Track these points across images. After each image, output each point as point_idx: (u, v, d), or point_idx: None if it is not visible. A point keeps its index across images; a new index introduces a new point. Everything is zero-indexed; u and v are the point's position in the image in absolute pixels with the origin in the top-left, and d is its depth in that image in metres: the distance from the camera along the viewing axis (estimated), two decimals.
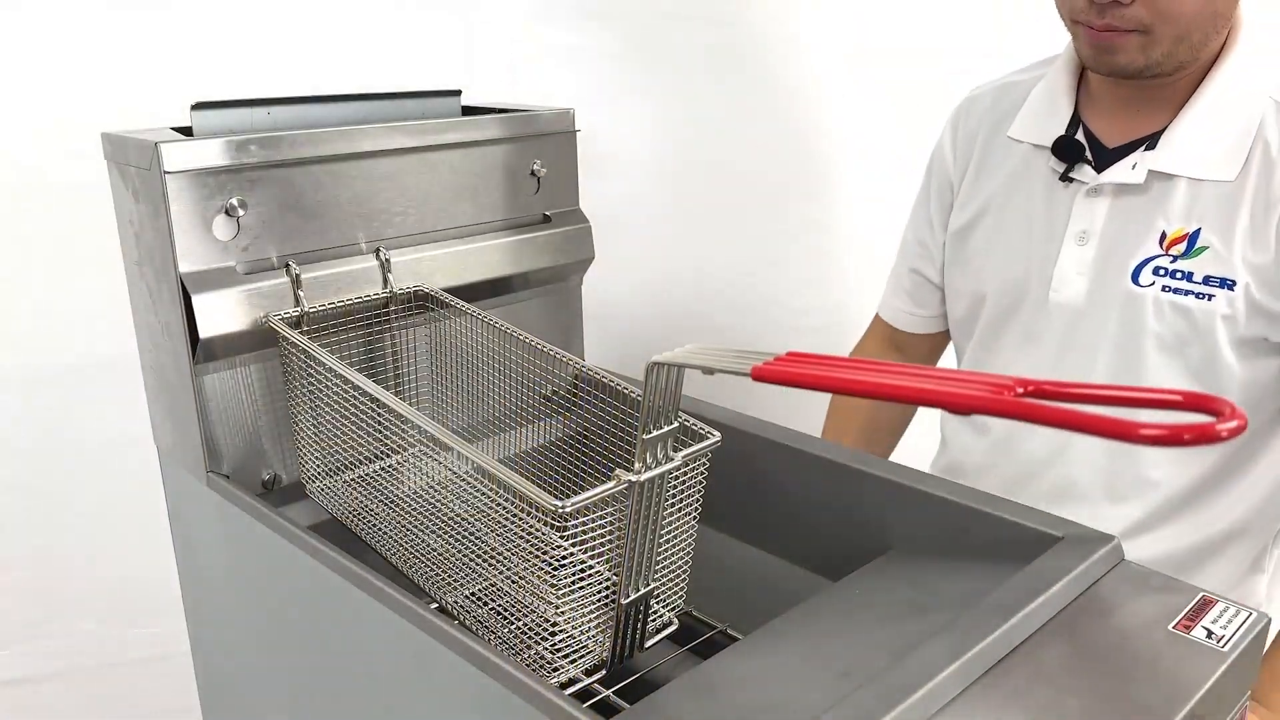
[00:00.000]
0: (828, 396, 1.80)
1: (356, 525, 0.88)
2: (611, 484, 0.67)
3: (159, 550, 1.03)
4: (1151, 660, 0.64)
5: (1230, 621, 0.67)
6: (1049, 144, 1.02)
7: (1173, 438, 0.43)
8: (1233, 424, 0.43)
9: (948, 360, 1.30)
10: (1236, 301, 0.92)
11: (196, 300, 0.81)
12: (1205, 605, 0.69)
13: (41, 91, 1.26)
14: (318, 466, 0.89)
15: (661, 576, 0.76)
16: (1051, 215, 1.02)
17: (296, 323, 0.86)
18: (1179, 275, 0.94)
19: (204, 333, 0.81)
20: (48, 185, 1.27)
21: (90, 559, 1.43)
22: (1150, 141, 0.97)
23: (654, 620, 0.78)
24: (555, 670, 0.74)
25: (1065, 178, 1.01)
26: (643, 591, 0.74)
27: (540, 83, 1.50)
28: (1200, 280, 0.93)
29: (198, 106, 0.84)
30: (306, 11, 1.36)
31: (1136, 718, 0.60)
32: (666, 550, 0.75)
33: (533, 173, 1.01)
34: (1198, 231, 0.94)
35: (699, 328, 1.73)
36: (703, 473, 0.74)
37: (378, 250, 0.92)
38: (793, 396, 1.50)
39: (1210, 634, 0.66)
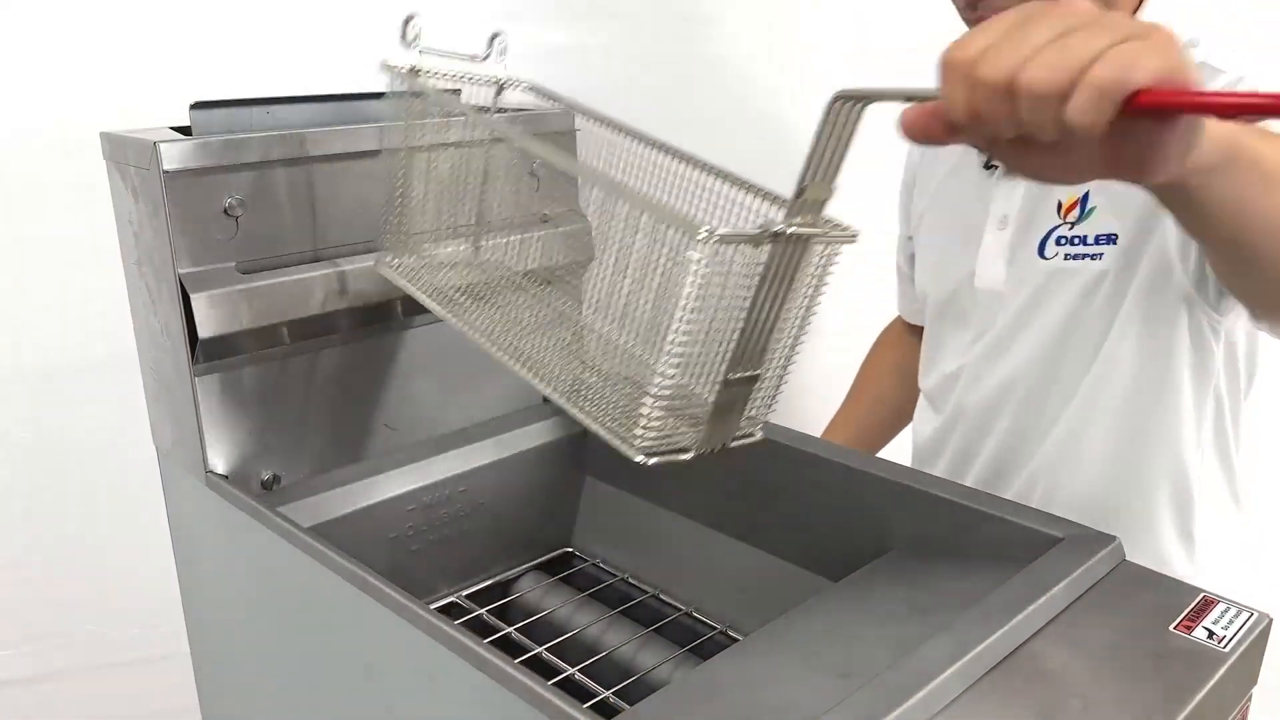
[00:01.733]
0: (825, 397, 1.79)
1: (441, 303, 0.81)
2: (759, 230, 0.59)
3: (159, 550, 1.03)
4: (1152, 661, 0.64)
5: (1231, 622, 0.67)
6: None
7: None
8: None
9: None
10: (1119, 256, 0.94)
11: (196, 300, 0.81)
12: (1206, 606, 0.69)
13: (41, 91, 1.26)
14: (409, 239, 0.83)
15: (765, 371, 0.67)
16: (979, 204, 1.05)
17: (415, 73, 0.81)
18: (1076, 240, 0.97)
19: (203, 333, 0.81)
20: (47, 185, 1.27)
21: (90, 559, 1.43)
22: None
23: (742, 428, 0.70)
24: (643, 447, 0.67)
25: (988, 165, 1.04)
26: (751, 374, 0.66)
27: (540, 83, 1.50)
28: (1092, 240, 0.96)
29: (197, 106, 0.84)
30: (306, 11, 1.36)
31: (1137, 719, 0.59)
32: (777, 344, 0.66)
33: (532, 172, 1.01)
34: (1087, 194, 0.96)
35: None
36: (825, 279, 0.66)
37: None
38: (793, 396, 1.49)
39: (1211, 635, 0.66)
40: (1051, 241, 0.99)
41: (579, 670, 0.89)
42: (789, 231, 0.60)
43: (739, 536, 0.99)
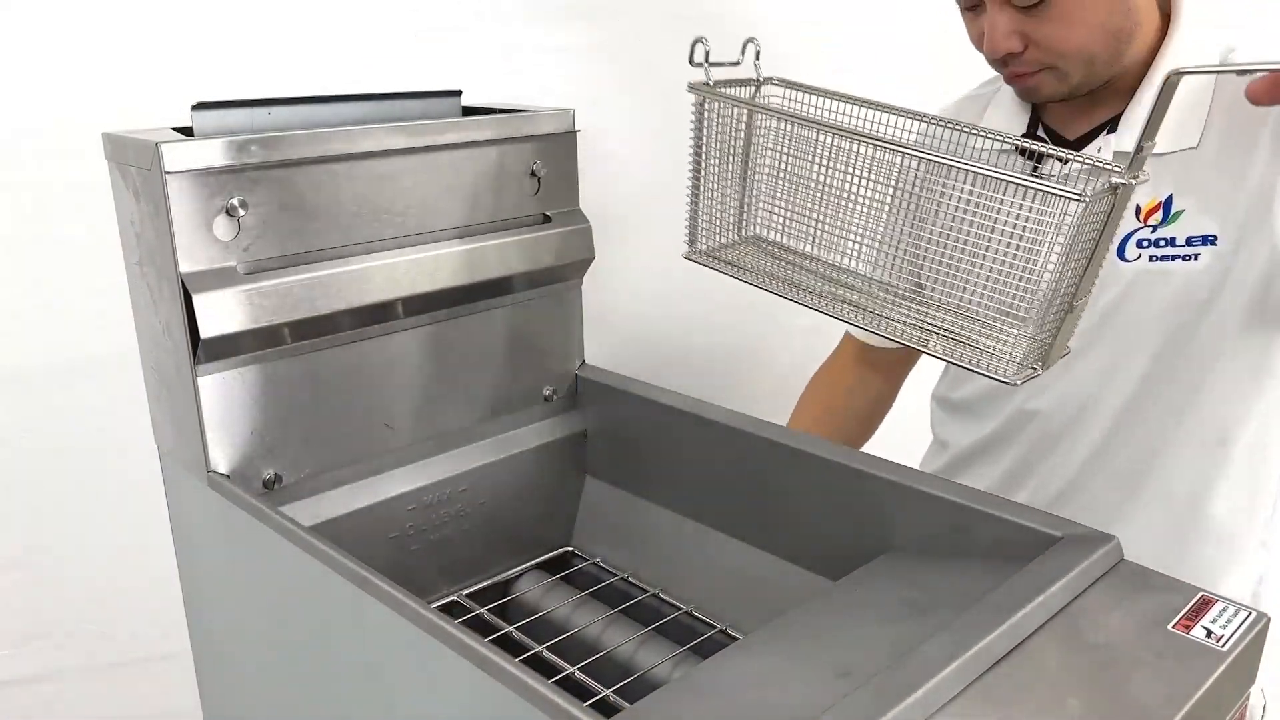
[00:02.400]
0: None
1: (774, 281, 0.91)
2: (1116, 182, 0.70)
3: (159, 550, 1.03)
4: (1151, 660, 0.64)
5: (1230, 621, 0.67)
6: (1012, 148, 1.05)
7: None
8: None
9: (922, 375, 1.30)
10: (1224, 256, 0.95)
11: (197, 300, 0.81)
12: (1204, 605, 0.69)
13: (42, 91, 1.26)
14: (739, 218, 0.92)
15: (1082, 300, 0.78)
16: None
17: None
18: (1161, 243, 0.97)
19: (205, 333, 0.82)
20: (49, 186, 1.27)
21: (90, 559, 1.43)
22: (1110, 125, 1.00)
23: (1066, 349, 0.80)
24: (1012, 371, 0.76)
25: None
26: (1081, 301, 0.77)
27: (540, 83, 1.50)
28: (1183, 242, 0.96)
29: (198, 107, 0.85)
30: (306, 11, 1.36)
31: (1136, 718, 0.60)
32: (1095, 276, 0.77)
33: (533, 173, 1.01)
34: (1170, 198, 0.97)
35: (698, 328, 1.73)
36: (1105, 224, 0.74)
37: None
38: (793, 396, 1.49)
39: (1209, 634, 0.66)
40: (1132, 244, 0.99)
41: (579, 669, 0.89)
42: (1132, 184, 0.71)
43: (739, 536, 0.99)
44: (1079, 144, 1.02)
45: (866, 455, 0.89)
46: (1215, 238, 0.95)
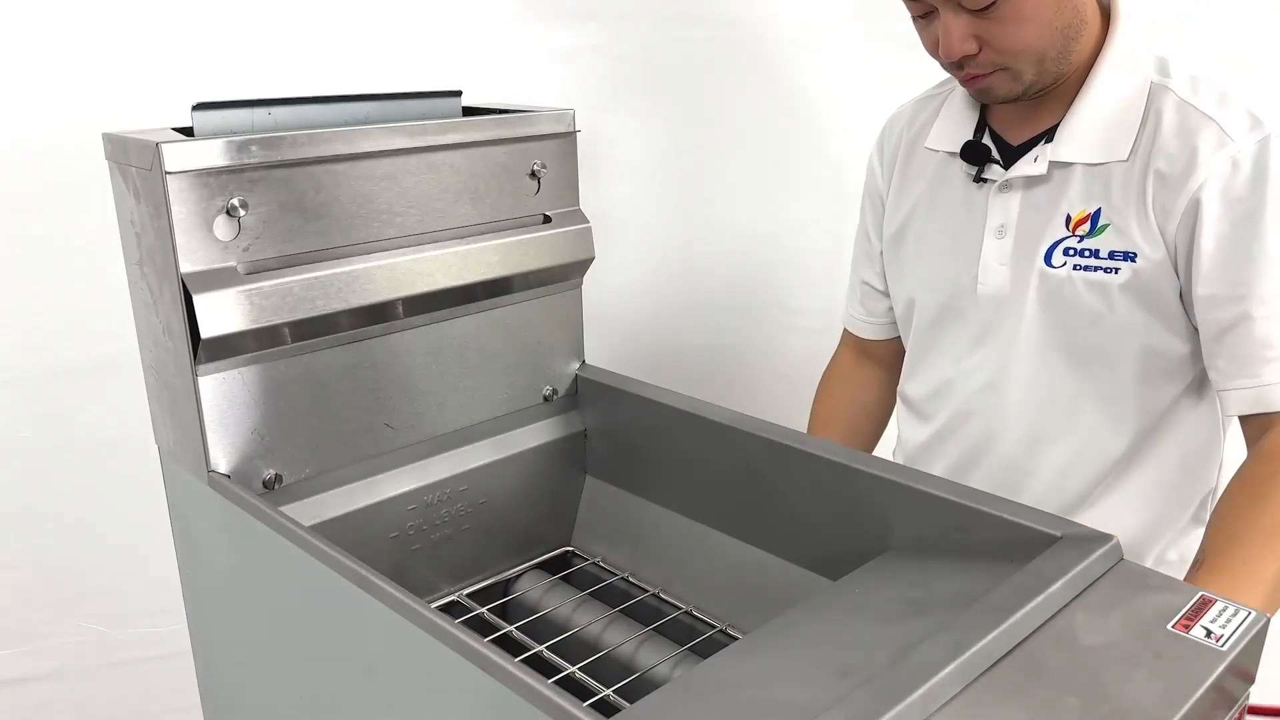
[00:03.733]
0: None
1: None
2: None
3: (159, 550, 1.04)
4: (1150, 660, 0.64)
5: (1229, 621, 0.68)
6: (958, 150, 1.10)
7: None
8: None
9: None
10: (1141, 273, 0.99)
11: (198, 300, 0.81)
12: (1204, 605, 0.69)
13: (43, 93, 1.26)
14: None
15: None
16: (971, 214, 1.09)
17: None
18: (1086, 253, 1.01)
19: (205, 333, 0.82)
20: (48, 185, 1.27)
21: (90, 559, 1.43)
22: (1050, 134, 1.04)
23: None
24: None
25: (979, 179, 1.08)
26: None
27: (540, 83, 1.50)
28: (1106, 255, 1.00)
29: (199, 107, 0.85)
30: (306, 11, 1.36)
31: (1135, 717, 0.60)
32: None
33: (533, 173, 1.01)
34: (1099, 211, 1.01)
35: (698, 327, 1.73)
36: None
37: None
38: (793, 395, 1.49)
39: (1209, 633, 0.66)
40: (1059, 252, 1.03)
41: (579, 669, 0.90)
42: None
43: (739, 535, 0.99)
44: (1021, 150, 1.06)
45: (866, 455, 0.89)
46: (1135, 255, 0.99)
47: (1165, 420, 1.05)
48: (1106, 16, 1.04)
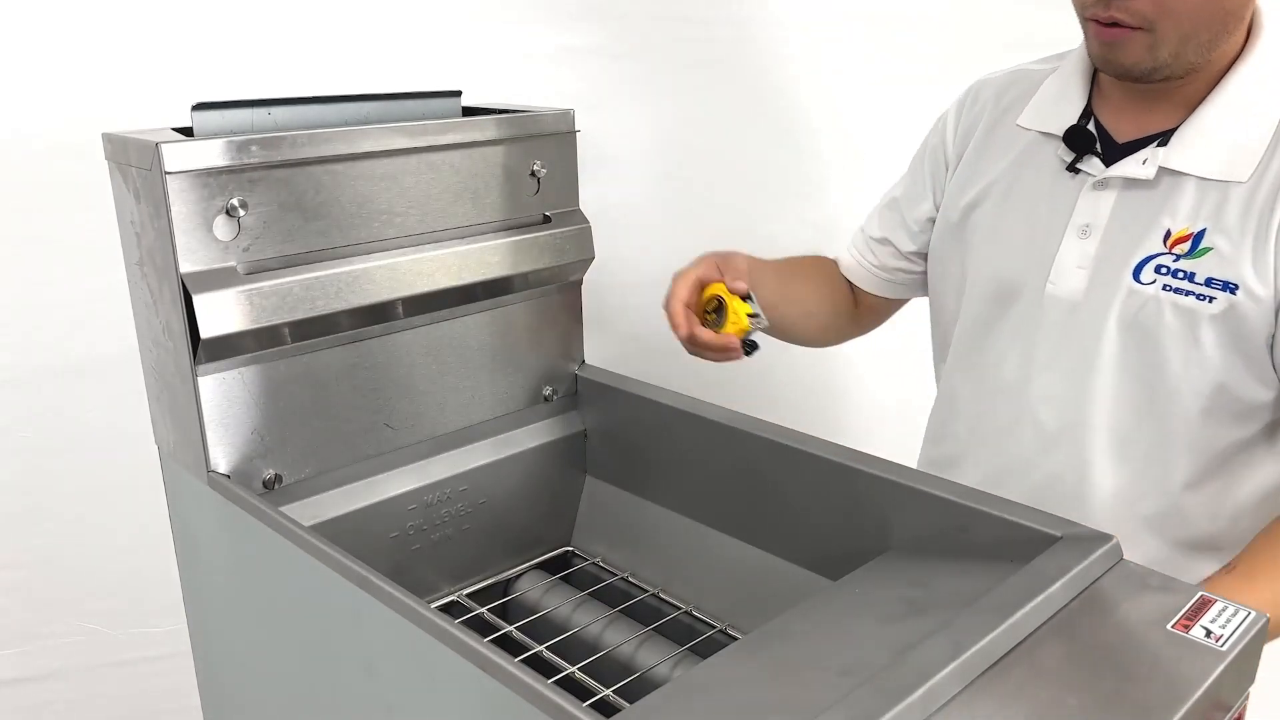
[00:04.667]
0: (823, 397, 1.79)
1: None
2: None
3: (159, 550, 1.04)
4: (1150, 659, 0.64)
5: (1229, 621, 0.67)
6: (1059, 133, 1.01)
7: None
8: None
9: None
10: (1238, 308, 0.91)
11: (198, 300, 0.81)
12: (1204, 605, 0.69)
13: (43, 92, 1.26)
14: None
15: None
16: (1054, 206, 1.00)
17: None
18: (1180, 275, 0.92)
19: (205, 333, 0.82)
20: (48, 185, 1.27)
21: (90, 559, 1.43)
22: (1163, 138, 0.95)
23: None
24: None
25: (1072, 168, 0.99)
26: None
27: (540, 83, 1.50)
28: (1202, 281, 0.91)
29: (198, 107, 0.85)
30: (306, 11, 1.36)
31: (1135, 717, 0.60)
32: None
33: (533, 173, 1.01)
34: (1203, 232, 0.92)
35: None
36: None
37: None
38: (793, 395, 1.49)
39: (1209, 633, 0.66)
40: (1150, 268, 0.94)
41: (579, 669, 0.90)
42: None
43: (738, 535, 0.99)
44: (1126, 149, 0.97)
45: (866, 455, 0.89)
46: (1236, 287, 0.90)
47: (1227, 463, 0.97)
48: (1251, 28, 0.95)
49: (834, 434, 0.99)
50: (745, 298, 1.02)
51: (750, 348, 1.03)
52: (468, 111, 1.01)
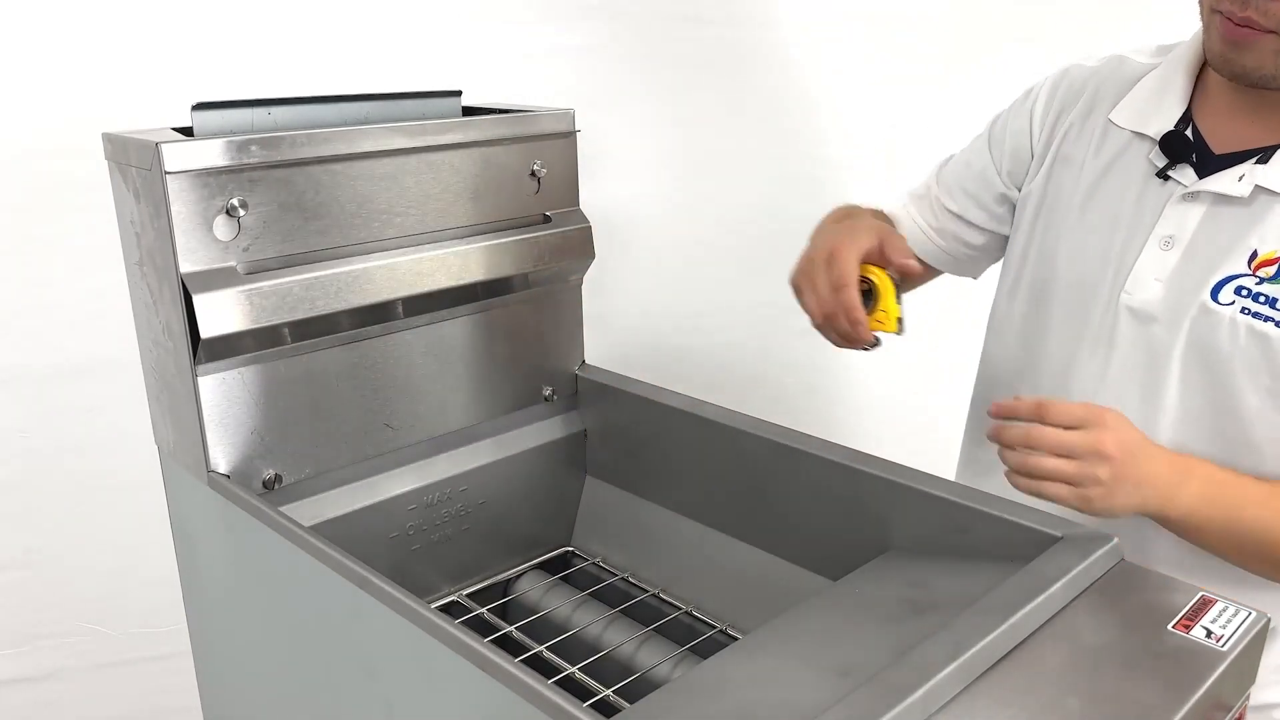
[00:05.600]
0: (822, 397, 1.79)
1: None
2: None
3: (159, 550, 1.04)
4: (1151, 660, 0.64)
5: (1230, 621, 0.67)
6: (1154, 135, 0.96)
7: None
8: None
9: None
10: None
11: (198, 300, 0.81)
12: (1204, 605, 0.69)
13: (42, 91, 1.26)
14: None
15: None
16: (1139, 213, 0.96)
17: None
18: (1262, 299, 0.88)
19: (205, 333, 0.82)
20: (48, 185, 1.27)
21: (91, 559, 1.43)
22: (1264, 155, 0.91)
23: None
24: None
25: (1163, 175, 0.95)
26: None
27: (540, 83, 1.50)
28: None
29: (198, 107, 0.85)
30: (306, 11, 1.36)
31: (1135, 717, 0.60)
32: None
33: (533, 173, 1.01)
34: None
35: (698, 328, 1.73)
36: None
37: None
38: (793, 395, 1.49)
39: (1209, 634, 0.66)
40: (1229, 288, 0.90)
41: (579, 669, 0.89)
42: None
43: (739, 536, 0.99)
44: (1222, 161, 0.93)
45: (866, 455, 0.89)
46: None
47: None
48: None
49: (834, 434, 0.99)
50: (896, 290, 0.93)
51: (877, 342, 0.94)
52: (468, 111, 1.01)
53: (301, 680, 0.87)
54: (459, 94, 1.01)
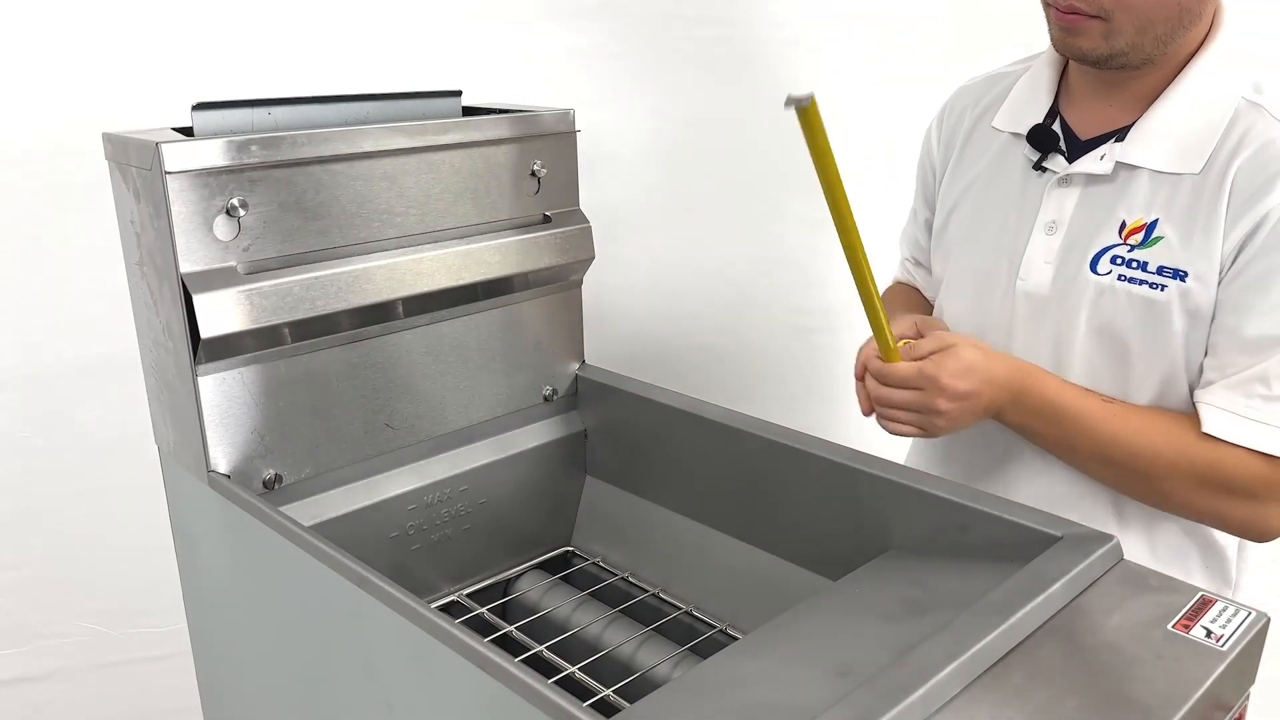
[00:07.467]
0: (822, 397, 1.79)
1: None
2: None
3: (159, 550, 1.04)
4: (1150, 659, 0.64)
5: (1229, 621, 0.68)
6: (1026, 133, 1.04)
7: None
8: None
9: None
10: (1189, 294, 0.93)
11: (198, 300, 0.81)
12: (1204, 605, 0.69)
13: (43, 91, 1.26)
14: None
15: None
16: (1024, 205, 1.04)
17: None
18: (1134, 264, 0.96)
19: (205, 333, 0.82)
20: (49, 185, 1.28)
21: (90, 559, 1.43)
22: (1120, 134, 0.99)
23: None
24: None
25: (1039, 167, 1.03)
26: None
27: (540, 83, 1.50)
28: (1154, 270, 0.95)
29: (199, 107, 0.85)
30: (306, 11, 1.36)
31: (1135, 717, 0.60)
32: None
33: (533, 173, 1.01)
34: (1155, 222, 0.96)
35: (698, 328, 1.73)
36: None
37: None
38: (793, 395, 1.49)
39: (1209, 633, 0.66)
40: (1106, 259, 0.98)
41: (579, 669, 0.90)
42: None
43: (739, 536, 0.99)
44: (1089, 145, 1.00)
45: (866, 455, 0.89)
46: (1185, 274, 0.93)
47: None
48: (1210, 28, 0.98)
49: (834, 434, 0.99)
50: None
51: None
52: (468, 111, 1.01)
53: (301, 680, 0.87)
54: (459, 94, 1.01)
